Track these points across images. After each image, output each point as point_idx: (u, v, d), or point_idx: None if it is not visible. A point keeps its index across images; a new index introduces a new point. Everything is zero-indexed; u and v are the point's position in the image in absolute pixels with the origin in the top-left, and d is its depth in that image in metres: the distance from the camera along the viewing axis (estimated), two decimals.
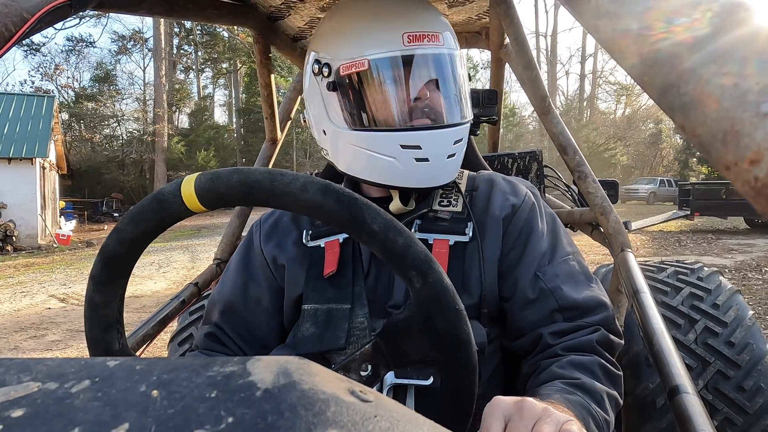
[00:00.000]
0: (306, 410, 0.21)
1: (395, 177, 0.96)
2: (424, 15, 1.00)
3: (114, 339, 0.65)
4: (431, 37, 0.96)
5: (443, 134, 0.96)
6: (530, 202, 1.02)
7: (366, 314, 0.90)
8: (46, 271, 9.79)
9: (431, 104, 0.96)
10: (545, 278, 0.93)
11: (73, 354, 4.57)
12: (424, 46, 0.95)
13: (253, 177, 0.57)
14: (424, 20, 0.98)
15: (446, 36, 0.98)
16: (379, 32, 0.96)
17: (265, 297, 1.01)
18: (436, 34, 0.96)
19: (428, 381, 0.84)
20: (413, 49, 0.94)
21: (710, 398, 1.57)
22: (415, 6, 1.01)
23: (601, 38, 0.39)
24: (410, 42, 0.94)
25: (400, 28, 0.95)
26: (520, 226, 0.98)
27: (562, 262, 0.95)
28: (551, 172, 2.05)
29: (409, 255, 0.56)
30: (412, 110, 0.96)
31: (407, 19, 0.97)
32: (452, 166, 0.99)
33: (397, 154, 0.94)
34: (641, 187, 26.74)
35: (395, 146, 0.94)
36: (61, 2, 0.69)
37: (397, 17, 0.97)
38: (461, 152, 1.01)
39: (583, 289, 0.93)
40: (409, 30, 0.94)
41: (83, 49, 33.70)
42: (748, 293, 5.85)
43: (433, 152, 0.94)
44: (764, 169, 0.23)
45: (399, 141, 0.94)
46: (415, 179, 0.96)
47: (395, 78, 0.95)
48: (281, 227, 1.05)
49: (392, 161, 0.95)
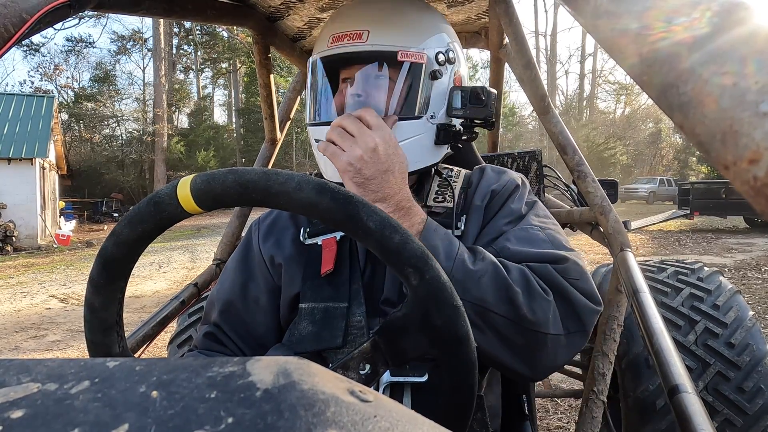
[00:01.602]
0: (306, 410, 0.21)
1: (322, 170, 1.05)
2: (365, 14, 1.01)
3: (114, 342, 0.65)
4: (354, 35, 0.97)
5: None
6: (512, 185, 1.02)
7: (363, 313, 0.90)
8: (46, 271, 9.79)
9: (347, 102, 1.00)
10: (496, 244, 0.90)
11: (74, 354, 4.57)
12: (344, 45, 0.98)
13: (248, 177, 0.57)
14: (358, 19, 1.00)
15: (380, 33, 0.97)
16: (321, 36, 1.03)
17: (263, 296, 1.01)
18: (360, 32, 0.97)
19: (424, 378, 0.84)
20: (333, 49, 0.99)
21: (710, 400, 1.58)
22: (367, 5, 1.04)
23: (600, 38, 0.39)
24: (333, 43, 0.99)
25: (332, 29, 1.01)
26: (497, 207, 0.98)
27: (520, 230, 0.92)
28: (551, 171, 2.04)
29: (406, 252, 0.56)
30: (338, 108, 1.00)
31: (344, 19, 1.01)
32: None
33: (316, 148, 1.02)
34: (641, 186, 26.75)
35: (313, 140, 1.04)
36: (60, 3, 0.69)
37: (341, 18, 1.02)
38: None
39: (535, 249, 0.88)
40: (335, 31, 1.00)
41: (83, 49, 33.75)
42: (747, 292, 5.85)
43: None
44: (763, 168, 0.23)
45: (314, 135, 1.04)
46: (328, 173, 1.02)
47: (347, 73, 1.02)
48: (279, 226, 1.05)
49: (318, 156, 1.03)
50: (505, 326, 0.77)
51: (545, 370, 0.84)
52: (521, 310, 0.77)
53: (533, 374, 0.83)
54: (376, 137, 0.86)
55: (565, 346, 0.81)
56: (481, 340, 0.77)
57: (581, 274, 0.85)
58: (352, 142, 0.86)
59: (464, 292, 0.76)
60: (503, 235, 0.92)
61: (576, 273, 0.84)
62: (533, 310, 0.78)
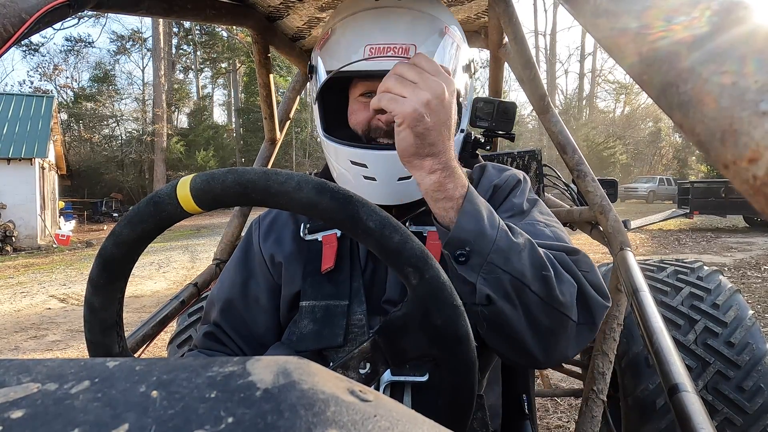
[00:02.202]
0: (306, 410, 0.21)
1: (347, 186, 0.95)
2: (399, 25, 0.93)
3: (114, 342, 0.65)
4: (398, 49, 0.90)
5: (390, 156, 0.87)
6: (513, 182, 1.01)
7: (364, 311, 0.90)
8: (45, 271, 9.79)
9: (371, 117, 0.93)
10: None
11: (74, 354, 4.57)
12: (387, 59, 0.89)
13: (248, 177, 0.57)
14: (395, 31, 0.92)
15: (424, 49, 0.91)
16: (347, 43, 0.94)
17: (264, 295, 1.01)
18: (406, 46, 0.90)
19: (424, 377, 0.84)
20: (373, 63, 0.90)
21: (710, 399, 1.58)
22: (396, 15, 0.95)
23: (599, 37, 0.39)
24: (371, 54, 0.90)
25: (365, 39, 0.91)
26: (498, 203, 0.97)
27: (525, 224, 0.90)
28: (550, 171, 2.05)
29: (406, 252, 0.56)
30: (376, 127, 0.93)
31: (378, 29, 0.92)
32: (405, 187, 0.93)
33: (348, 169, 0.94)
34: (640, 185, 26.76)
35: (346, 161, 0.94)
36: (59, 3, 0.69)
37: (369, 27, 0.93)
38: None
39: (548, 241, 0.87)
40: (373, 42, 0.91)
41: (82, 49, 33.75)
42: (747, 291, 5.85)
43: (380, 172, 0.91)
44: (763, 167, 0.23)
45: (348, 156, 0.93)
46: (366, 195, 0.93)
47: (371, 86, 0.94)
48: (279, 224, 1.05)
49: (345, 173, 0.96)
50: (536, 305, 0.75)
51: (557, 358, 0.81)
52: (554, 290, 0.75)
53: (546, 360, 0.80)
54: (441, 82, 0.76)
55: (575, 338, 0.80)
56: (512, 315, 0.74)
57: (592, 267, 0.84)
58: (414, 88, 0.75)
59: (506, 262, 0.73)
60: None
61: (587, 266, 0.83)
62: (563, 293, 0.76)
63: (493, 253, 0.72)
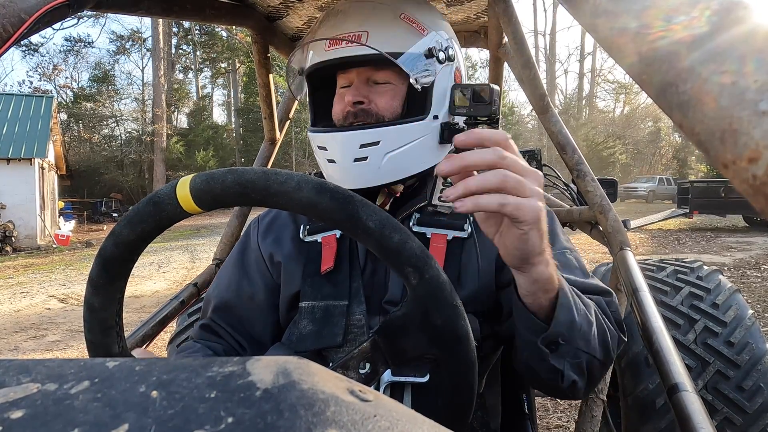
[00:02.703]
0: (306, 410, 0.21)
1: (325, 175, 1.03)
2: (354, 16, 0.98)
3: (113, 342, 0.65)
4: (351, 38, 0.95)
5: (344, 137, 0.95)
6: None
7: (363, 311, 0.90)
8: (45, 271, 9.78)
9: (368, 104, 0.97)
10: None
11: (73, 354, 4.57)
12: (340, 48, 0.96)
13: (248, 177, 0.57)
14: (353, 21, 0.97)
15: (379, 33, 0.94)
16: (316, 41, 1.00)
17: (260, 294, 1.01)
18: (358, 34, 0.95)
19: (425, 378, 0.84)
20: (329, 53, 0.97)
21: (710, 398, 1.58)
22: (355, 7, 1.01)
23: (599, 37, 0.39)
24: (329, 47, 0.97)
25: (327, 33, 0.98)
26: None
27: (559, 254, 0.94)
28: (550, 170, 2.05)
29: (405, 252, 0.56)
30: (347, 113, 0.97)
31: (336, 23, 0.99)
32: (361, 170, 0.95)
33: (318, 155, 1.02)
34: (640, 185, 26.77)
35: (315, 147, 1.02)
36: (59, 3, 0.69)
37: (331, 23, 1.00)
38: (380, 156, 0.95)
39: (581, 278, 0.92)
40: (331, 35, 0.97)
41: (81, 49, 33.71)
42: (747, 291, 5.86)
43: (337, 154, 0.97)
44: (762, 167, 0.23)
45: (315, 142, 1.01)
46: (332, 180, 0.99)
47: (345, 78, 1.00)
48: (279, 224, 1.05)
49: (319, 161, 1.03)
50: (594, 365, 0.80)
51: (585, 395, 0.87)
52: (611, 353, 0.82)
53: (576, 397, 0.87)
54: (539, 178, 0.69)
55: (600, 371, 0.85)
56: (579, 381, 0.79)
57: (617, 306, 0.91)
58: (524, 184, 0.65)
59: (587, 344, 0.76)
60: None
61: (615, 306, 0.90)
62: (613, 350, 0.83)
63: (579, 339, 0.75)
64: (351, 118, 0.97)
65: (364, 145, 0.94)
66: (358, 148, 0.94)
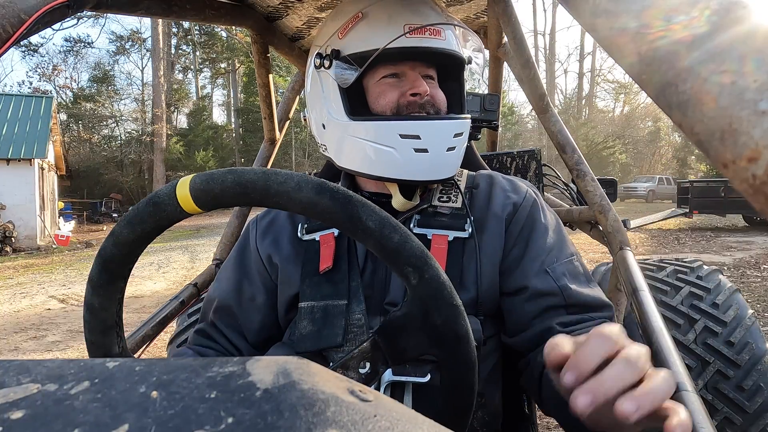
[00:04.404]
0: (306, 410, 0.21)
1: (395, 169, 0.95)
2: (428, 11, 0.99)
3: (113, 342, 0.65)
4: (433, 31, 0.95)
5: (443, 125, 0.96)
6: (531, 198, 1.02)
7: (363, 311, 0.90)
8: (45, 271, 9.78)
9: (431, 97, 0.97)
10: (554, 275, 0.92)
11: (74, 355, 4.57)
12: (426, 38, 0.95)
13: (248, 177, 0.57)
14: (427, 15, 0.98)
15: (449, 34, 0.98)
16: (381, 24, 0.95)
17: (260, 295, 1.01)
18: (438, 29, 0.96)
19: (426, 378, 0.84)
20: (414, 41, 0.94)
21: (710, 398, 1.58)
22: (420, 2, 1.01)
23: (598, 37, 0.39)
24: (411, 34, 0.93)
25: (402, 20, 0.94)
26: (522, 222, 0.98)
27: (567, 262, 0.96)
28: (550, 170, 2.05)
29: (405, 252, 0.56)
30: (411, 102, 0.96)
31: (411, 12, 0.97)
32: (452, 159, 0.98)
33: (396, 144, 0.93)
34: (640, 185, 26.77)
35: (394, 136, 0.93)
36: (58, 3, 0.69)
37: (401, 10, 0.97)
38: (461, 148, 1.00)
39: (587, 289, 0.94)
40: (411, 22, 0.94)
41: (81, 49, 33.69)
42: (746, 291, 5.85)
43: (432, 143, 0.93)
44: (762, 166, 0.23)
45: (398, 130, 0.93)
46: (414, 171, 0.94)
47: (395, 68, 0.97)
48: (277, 224, 1.05)
49: (391, 151, 0.93)
50: None
51: None
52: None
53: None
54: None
55: None
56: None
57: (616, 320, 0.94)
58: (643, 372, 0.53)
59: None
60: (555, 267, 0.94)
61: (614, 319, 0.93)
62: None
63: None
64: (414, 108, 0.96)
65: (456, 135, 0.97)
66: (452, 137, 0.96)
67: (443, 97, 1.00)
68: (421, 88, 0.95)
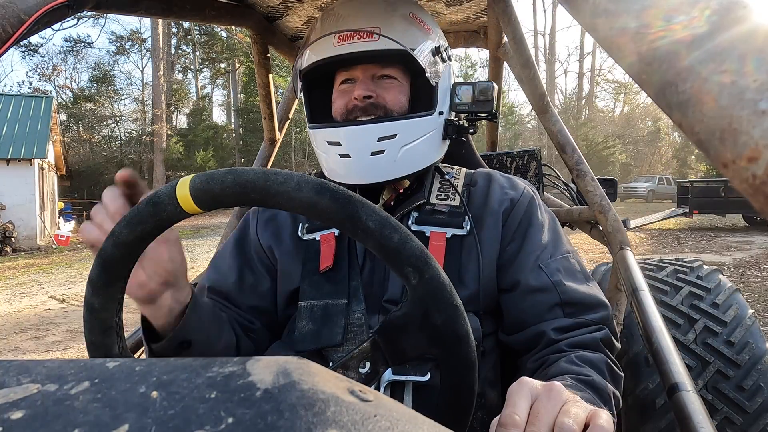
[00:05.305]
0: (306, 410, 0.21)
1: (329, 173, 1.02)
2: (368, 11, 0.99)
3: (113, 342, 0.65)
4: (363, 34, 0.95)
5: (363, 130, 0.95)
6: (529, 195, 1.03)
7: (362, 310, 0.90)
8: (45, 272, 9.78)
9: (378, 99, 0.97)
10: (548, 271, 0.93)
11: (74, 355, 4.57)
12: (354, 43, 0.95)
13: (248, 177, 0.57)
14: (364, 17, 0.97)
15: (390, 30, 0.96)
16: (320, 37, 0.99)
17: (265, 281, 1.01)
18: (371, 30, 0.95)
19: (425, 377, 0.84)
20: (341, 48, 0.96)
21: (710, 398, 1.58)
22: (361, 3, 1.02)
23: (598, 37, 0.39)
24: (339, 42, 0.96)
25: (335, 28, 0.98)
26: (519, 218, 0.99)
27: (563, 258, 0.96)
28: (550, 170, 2.05)
29: (405, 251, 0.56)
30: (353, 107, 0.97)
31: (348, 18, 0.98)
32: (377, 163, 0.95)
33: (325, 150, 1.00)
34: (640, 185, 26.78)
35: (323, 142, 0.99)
36: (58, 3, 0.69)
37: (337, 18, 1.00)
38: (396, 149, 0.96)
39: (583, 286, 0.93)
40: (341, 29, 0.97)
41: (81, 49, 33.71)
42: (746, 290, 5.85)
43: (353, 147, 0.95)
44: (762, 166, 0.23)
45: (324, 137, 0.99)
46: (341, 175, 0.99)
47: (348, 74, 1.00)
48: (278, 220, 1.05)
49: (325, 157, 1.01)
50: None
51: None
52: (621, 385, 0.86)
53: None
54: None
55: None
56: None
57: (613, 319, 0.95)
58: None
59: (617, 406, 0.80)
60: (549, 263, 0.94)
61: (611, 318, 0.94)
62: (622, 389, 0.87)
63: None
64: (358, 112, 0.97)
65: (382, 138, 0.95)
66: (376, 141, 0.95)
67: (395, 97, 0.99)
68: (357, 92, 0.96)
